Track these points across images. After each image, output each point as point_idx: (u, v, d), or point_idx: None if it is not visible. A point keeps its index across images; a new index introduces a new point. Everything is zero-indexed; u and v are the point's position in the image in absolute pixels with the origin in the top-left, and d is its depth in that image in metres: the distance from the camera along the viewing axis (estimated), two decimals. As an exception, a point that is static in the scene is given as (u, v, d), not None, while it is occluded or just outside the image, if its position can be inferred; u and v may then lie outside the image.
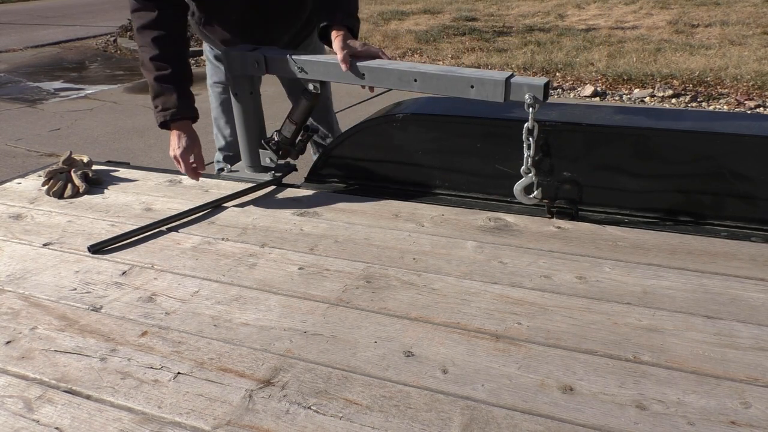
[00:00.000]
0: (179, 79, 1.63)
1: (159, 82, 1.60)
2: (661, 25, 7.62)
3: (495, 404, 0.89)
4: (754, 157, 1.37)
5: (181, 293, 1.22)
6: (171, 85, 1.61)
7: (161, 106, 1.61)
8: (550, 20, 8.55)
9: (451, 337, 1.05)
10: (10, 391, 0.96)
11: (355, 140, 1.72)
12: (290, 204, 1.63)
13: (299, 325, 1.10)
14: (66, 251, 1.41)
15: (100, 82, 6.75)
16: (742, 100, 4.88)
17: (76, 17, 11.98)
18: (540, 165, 1.50)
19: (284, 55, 1.61)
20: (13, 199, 1.73)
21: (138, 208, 1.63)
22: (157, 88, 1.61)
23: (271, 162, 1.76)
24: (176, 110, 1.61)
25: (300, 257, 1.34)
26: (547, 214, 1.50)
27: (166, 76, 1.60)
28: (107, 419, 0.90)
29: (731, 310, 1.09)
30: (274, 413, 0.89)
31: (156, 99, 1.62)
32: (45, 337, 1.09)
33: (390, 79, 1.50)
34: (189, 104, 1.64)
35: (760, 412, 0.86)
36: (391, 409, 0.89)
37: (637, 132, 1.45)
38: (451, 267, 1.28)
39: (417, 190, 1.68)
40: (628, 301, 1.13)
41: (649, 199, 1.48)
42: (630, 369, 0.95)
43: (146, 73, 1.64)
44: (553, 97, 5.34)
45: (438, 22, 8.67)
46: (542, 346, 1.02)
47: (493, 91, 1.39)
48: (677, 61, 5.82)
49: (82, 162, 1.83)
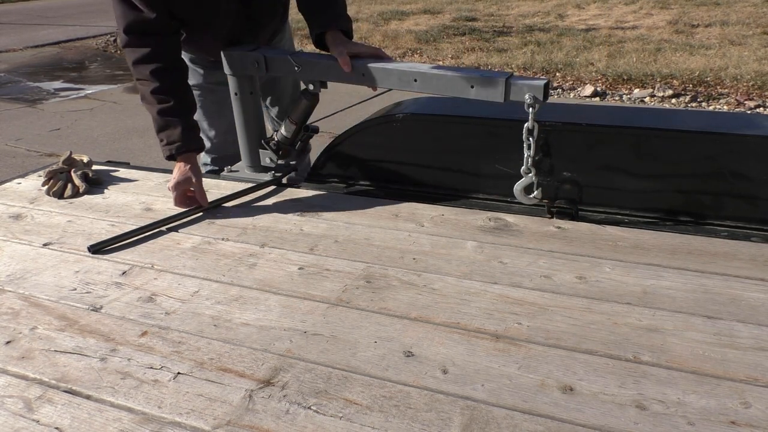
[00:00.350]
0: (183, 111, 1.60)
1: (162, 116, 1.57)
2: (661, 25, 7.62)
3: (495, 404, 0.89)
4: (754, 157, 1.37)
5: (181, 293, 1.22)
6: (175, 117, 1.58)
7: (166, 140, 1.58)
8: (550, 20, 8.55)
9: (451, 337, 1.05)
10: (10, 391, 0.96)
11: (355, 140, 1.72)
12: (290, 204, 1.63)
13: (299, 325, 1.10)
14: (66, 251, 1.41)
15: (100, 82, 6.75)
16: (742, 100, 4.88)
17: (76, 17, 11.98)
18: (540, 165, 1.50)
19: (284, 55, 1.61)
20: (13, 199, 1.73)
21: (138, 208, 1.63)
22: (161, 122, 1.58)
23: (271, 162, 1.76)
24: (181, 143, 1.58)
25: (300, 257, 1.34)
26: (547, 214, 1.50)
27: (168, 108, 1.57)
28: (107, 419, 0.90)
29: (731, 310, 1.09)
30: (274, 413, 0.89)
31: (160, 133, 1.59)
32: (45, 337, 1.09)
33: (390, 79, 1.50)
34: (194, 136, 1.62)
35: (760, 412, 0.86)
36: (391, 409, 0.89)
37: (637, 132, 1.45)
38: (451, 267, 1.28)
39: (417, 190, 1.68)
40: (628, 301, 1.13)
41: (649, 199, 1.48)
42: (630, 369, 0.95)
43: (148, 106, 1.59)
44: (553, 97, 5.34)
45: (438, 22, 8.68)
46: (542, 346, 1.02)
47: (493, 91, 1.39)
48: (677, 61, 5.83)
49: (82, 162, 1.83)
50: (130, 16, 1.52)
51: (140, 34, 1.54)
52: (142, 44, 1.54)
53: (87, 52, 8.63)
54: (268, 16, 1.81)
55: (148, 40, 1.54)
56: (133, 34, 1.54)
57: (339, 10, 1.65)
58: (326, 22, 1.59)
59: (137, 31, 1.54)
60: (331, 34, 1.57)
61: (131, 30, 1.54)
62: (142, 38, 1.54)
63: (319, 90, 1.64)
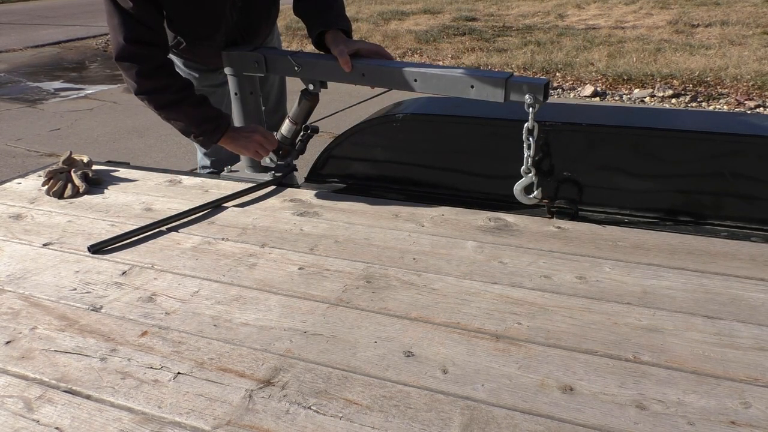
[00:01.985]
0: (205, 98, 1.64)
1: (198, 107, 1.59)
2: (661, 25, 7.62)
3: (495, 404, 0.89)
4: (754, 157, 1.37)
5: (181, 293, 1.22)
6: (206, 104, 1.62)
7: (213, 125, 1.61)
8: (550, 20, 8.55)
9: (451, 337, 1.05)
10: (10, 391, 0.96)
11: (355, 140, 1.72)
12: (290, 204, 1.63)
13: (299, 325, 1.10)
14: (66, 251, 1.41)
15: (100, 82, 6.75)
16: (742, 100, 4.88)
17: (76, 17, 11.98)
18: (540, 165, 1.50)
19: (284, 55, 1.61)
20: (13, 199, 1.73)
21: (138, 208, 1.63)
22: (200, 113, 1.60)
23: (271, 162, 1.76)
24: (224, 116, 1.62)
25: (300, 257, 1.34)
26: (547, 214, 1.50)
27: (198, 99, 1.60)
28: (107, 419, 0.90)
29: (731, 310, 1.09)
30: (274, 413, 0.89)
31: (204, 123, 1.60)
32: (45, 337, 1.09)
33: (390, 79, 1.50)
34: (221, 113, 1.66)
35: (760, 412, 0.86)
36: (391, 409, 0.89)
37: (637, 132, 1.45)
38: (451, 267, 1.28)
39: (417, 190, 1.68)
40: (628, 301, 1.13)
41: (649, 199, 1.48)
42: (630, 369, 0.95)
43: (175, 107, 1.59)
44: (553, 97, 5.34)
45: (438, 22, 8.68)
46: (542, 346, 1.02)
47: (493, 91, 1.39)
48: (677, 61, 5.83)
49: (82, 162, 1.83)
50: (133, 28, 1.48)
51: (147, 45, 1.52)
52: (148, 54, 1.52)
53: (87, 52, 8.64)
54: (264, 23, 1.81)
55: (152, 50, 1.53)
56: (137, 44, 1.50)
57: (338, 10, 1.65)
58: (326, 22, 1.59)
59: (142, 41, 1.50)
60: (331, 34, 1.57)
61: (133, 40, 1.49)
62: (153, 78, 1.54)
63: (320, 90, 1.64)
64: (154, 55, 1.54)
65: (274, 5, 1.82)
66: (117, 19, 1.48)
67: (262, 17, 1.78)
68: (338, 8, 1.66)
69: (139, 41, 1.50)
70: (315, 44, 1.62)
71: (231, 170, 1.87)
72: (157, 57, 1.56)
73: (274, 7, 1.82)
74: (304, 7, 1.68)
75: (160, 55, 1.57)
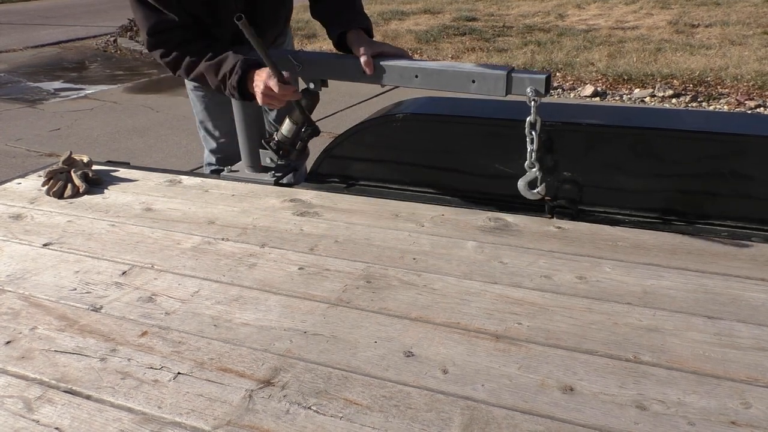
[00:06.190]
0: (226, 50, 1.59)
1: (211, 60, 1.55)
2: (662, 25, 7.62)
3: (495, 404, 0.89)
4: (754, 157, 1.37)
5: (181, 293, 1.22)
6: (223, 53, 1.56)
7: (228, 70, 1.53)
8: (550, 20, 8.55)
9: (451, 337, 1.05)
10: (10, 391, 0.96)
11: (355, 140, 1.72)
12: (290, 204, 1.63)
13: (299, 325, 1.10)
14: (66, 251, 1.41)
15: (100, 82, 6.75)
16: (742, 100, 4.88)
17: (76, 17, 11.98)
18: (540, 164, 1.50)
19: (285, 55, 1.61)
20: (13, 199, 1.73)
21: (138, 208, 1.63)
22: (213, 65, 1.55)
23: (272, 162, 1.75)
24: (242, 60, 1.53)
25: (300, 257, 1.34)
26: (547, 214, 1.50)
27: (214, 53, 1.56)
28: (107, 419, 0.90)
29: (731, 310, 1.09)
30: (274, 413, 0.89)
31: (220, 72, 1.55)
32: (45, 337, 1.09)
33: (391, 75, 1.49)
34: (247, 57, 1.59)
35: (760, 412, 0.86)
36: (391, 409, 0.89)
37: (637, 132, 1.45)
38: (451, 267, 1.28)
39: (417, 190, 1.68)
40: (628, 301, 1.13)
41: (649, 199, 1.47)
42: (630, 369, 0.95)
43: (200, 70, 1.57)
44: (553, 97, 5.34)
45: (438, 22, 8.67)
46: (542, 346, 1.02)
47: (494, 86, 1.38)
48: (677, 61, 5.82)
49: (82, 162, 1.83)
50: (150, 18, 1.54)
51: (167, 31, 1.56)
52: (170, 38, 1.56)
53: (87, 52, 8.63)
54: (271, 23, 1.80)
55: (175, 33, 1.56)
56: (158, 34, 1.56)
57: (357, 7, 1.64)
58: (347, 22, 1.58)
59: (162, 29, 1.55)
60: (353, 34, 1.55)
61: (155, 30, 1.55)
62: (170, 33, 1.56)
63: (320, 89, 1.64)
64: (174, 37, 1.57)
65: (283, 6, 1.81)
66: (139, 14, 1.55)
67: (268, 15, 1.77)
68: (358, 6, 1.65)
69: (161, 30, 1.55)
70: (336, 45, 1.61)
71: (231, 170, 1.87)
72: (178, 36, 1.57)
73: (283, 8, 1.82)
74: (322, 9, 1.67)
75: (182, 34, 1.58)
